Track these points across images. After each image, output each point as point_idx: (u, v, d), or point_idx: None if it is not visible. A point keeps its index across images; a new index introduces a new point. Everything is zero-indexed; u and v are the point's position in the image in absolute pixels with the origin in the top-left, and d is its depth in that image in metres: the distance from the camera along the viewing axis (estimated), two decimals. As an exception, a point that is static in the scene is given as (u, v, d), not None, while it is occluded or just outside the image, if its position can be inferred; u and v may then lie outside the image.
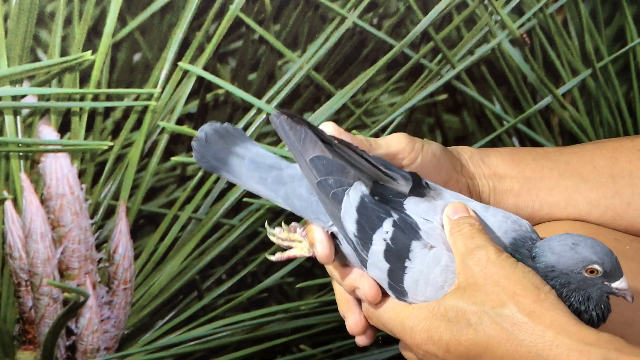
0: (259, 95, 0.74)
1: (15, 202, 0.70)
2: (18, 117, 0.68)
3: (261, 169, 0.51)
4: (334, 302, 0.80)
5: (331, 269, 0.51)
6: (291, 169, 0.51)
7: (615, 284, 0.49)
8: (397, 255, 0.49)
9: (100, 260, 0.73)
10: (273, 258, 0.53)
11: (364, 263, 0.50)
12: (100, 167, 0.71)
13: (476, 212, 0.49)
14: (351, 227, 0.50)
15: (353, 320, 0.52)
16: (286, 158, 0.52)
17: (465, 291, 0.47)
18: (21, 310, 0.72)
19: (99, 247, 0.73)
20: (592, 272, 0.49)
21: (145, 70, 0.71)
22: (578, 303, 0.50)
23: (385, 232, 0.49)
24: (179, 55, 0.72)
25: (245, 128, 0.75)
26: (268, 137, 0.75)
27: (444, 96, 0.80)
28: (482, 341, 0.47)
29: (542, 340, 0.45)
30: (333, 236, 0.50)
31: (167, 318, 0.76)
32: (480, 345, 0.47)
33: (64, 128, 0.71)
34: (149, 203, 0.75)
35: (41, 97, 0.69)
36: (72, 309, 0.72)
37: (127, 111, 0.72)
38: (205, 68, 0.72)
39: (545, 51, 0.81)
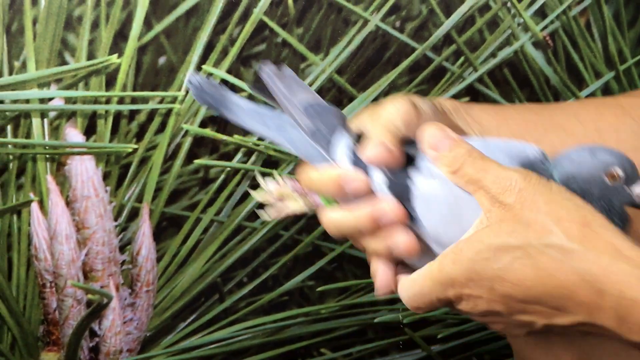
0: (282, 98, 0.81)
1: (41, 204, 0.77)
2: (45, 120, 0.76)
3: (263, 116, 0.56)
4: (354, 306, 0.88)
5: (342, 212, 0.52)
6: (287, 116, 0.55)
7: (635, 188, 0.51)
8: (400, 186, 0.52)
9: (123, 262, 0.81)
10: (269, 218, 0.55)
11: None
12: (124, 169, 0.79)
13: (473, 142, 0.51)
14: (346, 164, 0.53)
15: (383, 277, 0.51)
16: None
17: (502, 227, 0.46)
18: (45, 312, 0.79)
19: (122, 249, 0.80)
20: (612, 177, 0.51)
21: (169, 73, 0.79)
22: (601, 211, 0.50)
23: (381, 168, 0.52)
24: (203, 59, 0.79)
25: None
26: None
27: (466, 99, 0.87)
28: (531, 275, 0.46)
29: (598, 267, 0.45)
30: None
31: (188, 320, 0.83)
32: (529, 279, 0.46)
33: (89, 130, 0.78)
34: (172, 205, 0.82)
35: (68, 100, 0.76)
36: (96, 310, 0.80)
37: (152, 114, 0.79)
38: (229, 71, 0.80)
39: (568, 54, 0.88)
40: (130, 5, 0.76)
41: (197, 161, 0.82)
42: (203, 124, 0.81)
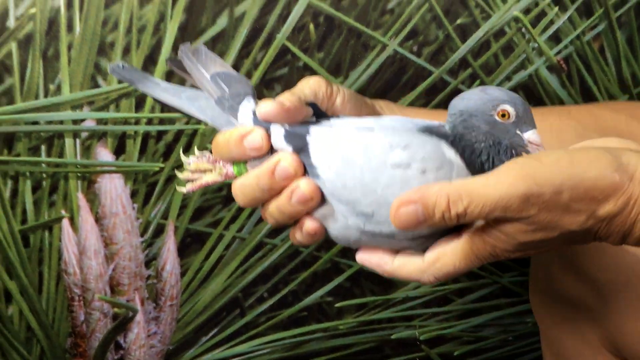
0: (303, 120, 0.93)
1: (71, 220, 0.89)
2: (77, 140, 0.88)
3: (176, 89, 0.65)
4: (372, 322, 0.99)
5: (245, 177, 0.60)
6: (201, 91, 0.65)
7: (528, 134, 0.58)
8: (297, 135, 0.60)
9: (148, 277, 0.92)
10: (185, 190, 0.64)
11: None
12: (151, 187, 0.91)
13: (369, 122, 0.60)
14: (249, 123, 0.61)
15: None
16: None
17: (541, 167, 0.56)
18: (73, 324, 0.91)
19: (147, 264, 0.92)
20: (503, 115, 0.58)
21: (196, 96, 0.90)
22: (487, 149, 0.57)
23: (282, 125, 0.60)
24: (228, 82, 0.91)
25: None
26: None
27: (481, 121, 0.98)
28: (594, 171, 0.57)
29: (626, 157, 0.57)
30: None
31: (210, 334, 0.95)
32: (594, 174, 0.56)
33: (119, 150, 0.90)
34: (196, 222, 0.94)
35: (99, 121, 0.88)
36: (121, 323, 0.91)
37: (178, 134, 0.91)
38: (252, 94, 0.91)
39: (582, 77, 0.99)
40: (160, 31, 0.88)
41: (220, 180, 0.93)
42: (227, 144, 0.92)
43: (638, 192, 0.56)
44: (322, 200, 0.60)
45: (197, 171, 0.64)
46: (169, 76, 0.90)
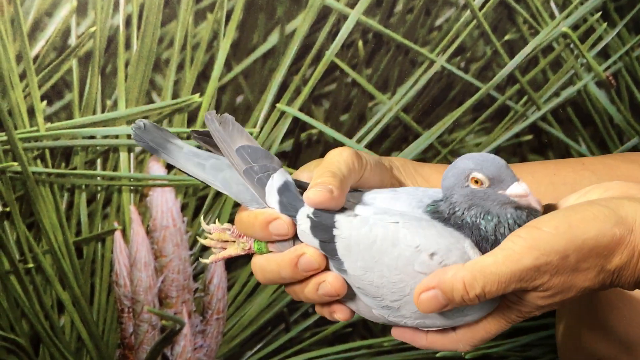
0: (350, 135, 1.29)
1: (123, 232, 1.24)
2: (131, 154, 1.23)
3: (200, 157, 0.83)
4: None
5: (283, 264, 0.80)
6: (226, 159, 0.84)
7: (510, 190, 0.76)
8: (323, 228, 0.78)
9: (196, 290, 1.27)
10: (207, 261, 0.84)
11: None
12: (200, 201, 1.26)
13: (383, 202, 0.80)
14: (275, 207, 0.80)
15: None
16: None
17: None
18: (122, 336, 1.26)
19: (195, 277, 1.27)
20: (476, 182, 0.75)
21: (246, 111, 1.27)
22: (475, 218, 0.75)
23: (307, 208, 0.79)
24: (277, 97, 1.27)
25: (336, 166, 1.28)
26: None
27: (529, 137, 1.33)
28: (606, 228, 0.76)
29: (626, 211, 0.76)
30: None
31: (255, 349, 1.30)
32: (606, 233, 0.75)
33: (170, 165, 1.25)
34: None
35: (153, 136, 1.23)
36: (169, 336, 1.26)
37: (228, 149, 1.26)
38: (301, 109, 1.27)
39: (631, 93, 1.34)
40: (213, 48, 1.24)
41: (268, 194, 1.28)
42: (275, 159, 1.28)
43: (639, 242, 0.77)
44: (349, 288, 0.82)
45: (220, 241, 0.85)
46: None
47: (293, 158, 1.31)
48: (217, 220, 0.87)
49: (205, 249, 1.28)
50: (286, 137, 1.30)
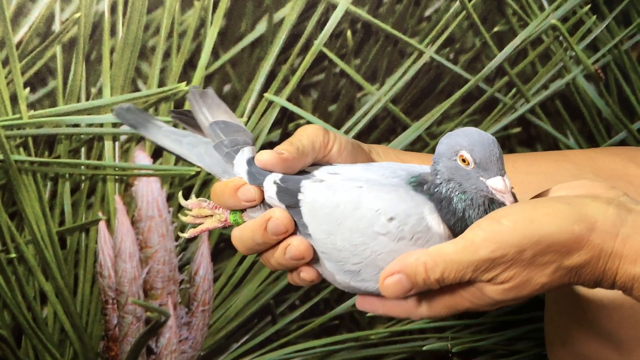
0: (338, 126, 1.21)
1: (108, 222, 1.16)
2: (116, 143, 1.15)
3: (177, 134, 0.85)
4: (403, 333, 1.26)
5: (254, 232, 0.81)
6: (203, 137, 0.86)
7: (491, 181, 0.75)
8: (289, 193, 0.79)
9: (182, 282, 1.19)
10: (186, 235, 0.85)
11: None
12: (187, 191, 1.17)
13: (358, 171, 0.80)
14: (244, 177, 0.81)
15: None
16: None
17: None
18: (106, 328, 1.18)
19: (181, 268, 1.19)
20: (463, 160, 0.75)
21: (233, 100, 1.18)
22: (449, 192, 0.75)
23: (275, 174, 0.80)
24: (265, 87, 1.18)
25: (324, 157, 1.20)
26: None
27: (517, 129, 1.26)
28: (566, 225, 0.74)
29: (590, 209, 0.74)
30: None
31: (241, 341, 1.21)
32: (566, 229, 0.74)
33: (156, 154, 1.17)
34: (230, 227, 1.20)
35: (138, 125, 1.15)
36: (154, 328, 1.18)
37: (215, 139, 1.18)
38: (289, 99, 1.19)
39: (620, 86, 1.27)
40: (200, 36, 1.16)
41: (255, 185, 1.20)
42: (263, 149, 1.19)
43: (601, 242, 0.74)
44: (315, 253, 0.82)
45: (199, 216, 0.85)
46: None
47: (280, 148, 1.23)
48: (193, 196, 0.86)
49: (185, 226, 1.21)
50: (274, 127, 1.22)
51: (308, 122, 1.21)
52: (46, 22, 1.15)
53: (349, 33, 1.21)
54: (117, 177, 1.18)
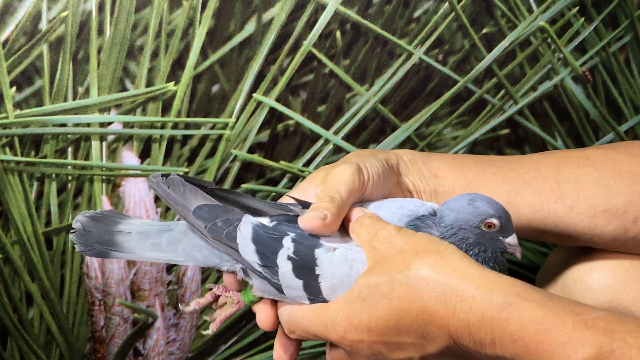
0: (327, 127, 1.15)
1: (95, 223, 1.09)
2: (104, 143, 1.09)
3: (151, 236, 0.74)
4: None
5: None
6: (181, 226, 0.75)
7: (509, 239, 0.75)
8: (305, 268, 0.73)
9: (169, 283, 1.13)
10: (211, 331, 0.79)
11: (279, 289, 0.74)
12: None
13: (370, 209, 0.75)
14: (253, 258, 0.73)
15: (264, 314, 0.75)
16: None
17: (374, 268, 0.70)
18: (93, 329, 1.12)
19: (169, 270, 1.13)
20: (489, 226, 0.74)
21: (222, 100, 1.12)
22: (475, 256, 0.73)
23: (287, 249, 0.73)
24: (254, 87, 1.13)
25: (313, 158, 1.15)
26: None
27: (506, 131, 1.21)
28: (397, 306, 0.69)
29: (449, 289, 0.68)
30: (245, 273, 0.75)
31: (229, 343, 1.16)
32: (397, 311, 0.69)
33: (144, 154, 1.11)
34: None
35: (126, 125, 1.09)
36: (141, 329, 1.12)
37: (203, 139, 1.12)
38: (278, 100, 1.13)
39: (607, 88, 1.22)
40: (188, 36, 1.10)
41: (244, 185, 1.15)
42: (251, 150, 1.14)
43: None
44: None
45: (218, 307, 0.79)
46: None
47: (270, 149, 1.17)
48: (199, 299, 0.79)
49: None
50: (262, 128, 1.16)
51: (297, 123, 1.15)
52: (33, 21, 1.08)
53: (338, 34, 1.15)
54: (104, 177, 1.12)
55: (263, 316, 0.76)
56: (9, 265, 1.10)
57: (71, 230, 0.77)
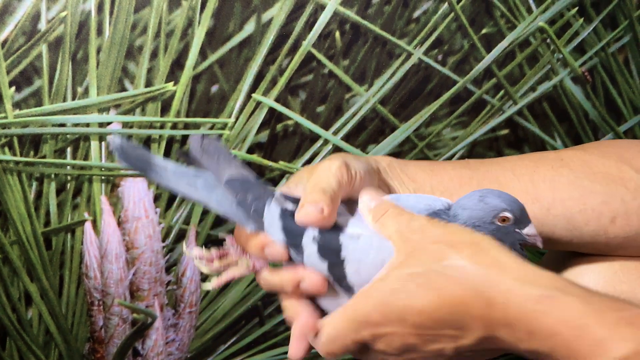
0: (327, 127, 1.14)
1: (94, 223, 1.09)
2: (103, 143, 1.07)
3: (188, 176, 0.73)
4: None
5: (270, 275, 0.73)
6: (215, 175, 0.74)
7: (526, 230, 0.73)
8: (331, 250, 0.72)
9: (168, 283, 1.12)
10: (210, 287, 0.74)
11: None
12: (174, 192, 1.10)
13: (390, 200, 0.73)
14: (279, 236, 0.73)
15: (304, 318, 0.71)
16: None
17: (408, 259, 0.68)
18: (92, 330, 1.10)
19: (168, 269, 1.12)
20: (504, 220, 0.73)
21: (221, 100, 1.11)
22: None
23: (312, 230, 0.72)
24: (253, 87, 1.11)
25: (312, 158, 1.14)
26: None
27: (505, 131, 1.19)
28: (434, 297, 0.67)
29: (486, 280, 0.66)
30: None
31: (229, 343, 1.14)
32: (433, 302, 0.67)
33: (143, 154, 1.09)
34: (217, 228, 1.14)
35: (125, 125, 1.08)
36: (140, 329, 1.11)
37: (202, 139, 1.11)
38: (277, 100, 1.12)
39: (607, 89, 1.21)
40: (187, 36, 1.09)
41: (243, 186, 1.13)
42: (250, 150, 1.13)
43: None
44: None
45: (223, 267, 0.74)
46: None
47: (269, 149, 1.16)
48: (203, 247, 0.75)
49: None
50: (262, 128, 1.15)
51: (296, 124, 1.14)
52: (32, 21, 1.07)
53: (337, 34, 1.14)
54: (103, 177, 1.11)
55: (304, 319, 0.73)
56: (7, 265, 1.09)
57: (112, 141, 0.76)
